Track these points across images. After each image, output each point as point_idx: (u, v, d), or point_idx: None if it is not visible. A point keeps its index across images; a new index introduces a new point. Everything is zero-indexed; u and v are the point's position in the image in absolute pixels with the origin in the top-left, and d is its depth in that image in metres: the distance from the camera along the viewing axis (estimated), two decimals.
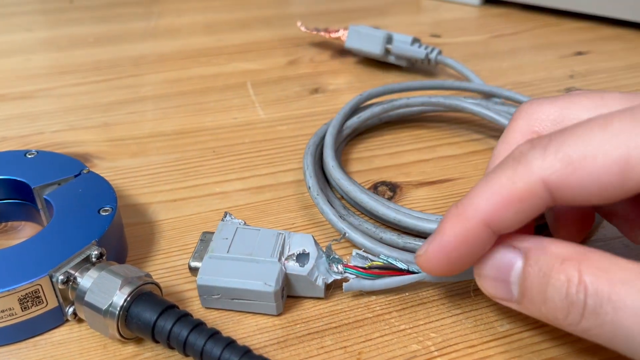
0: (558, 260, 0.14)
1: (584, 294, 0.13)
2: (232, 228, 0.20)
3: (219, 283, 0.19)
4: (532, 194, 0.14)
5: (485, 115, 0.27)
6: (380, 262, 0.19)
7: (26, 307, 0.18)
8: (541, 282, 0.14)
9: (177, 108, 0.33)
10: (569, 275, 0.14)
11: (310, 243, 0.20)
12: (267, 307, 0.19)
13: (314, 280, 0.19)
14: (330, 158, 0.25)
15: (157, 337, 0.17)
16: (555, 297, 0.14)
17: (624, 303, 0.13)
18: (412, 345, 0.18)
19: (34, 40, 0.43)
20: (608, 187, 0.14)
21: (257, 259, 0.19)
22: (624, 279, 0.13)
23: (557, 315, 0.14)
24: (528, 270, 0.15)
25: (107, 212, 0.20)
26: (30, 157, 0.24)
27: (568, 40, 0.43)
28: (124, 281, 0.17)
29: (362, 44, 0.38)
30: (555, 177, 0.14)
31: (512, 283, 0.15)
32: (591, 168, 0.14)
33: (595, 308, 0.13)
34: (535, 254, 0.15)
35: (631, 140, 0.13)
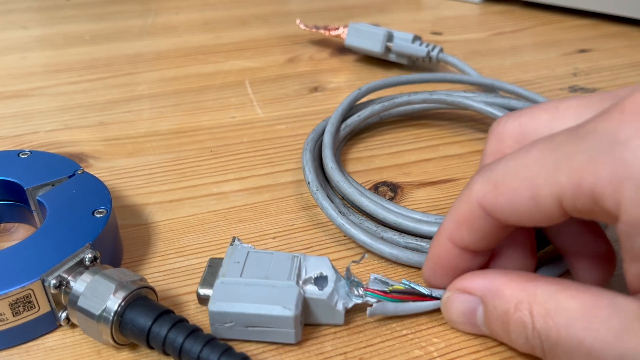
0: (511, 306, 0.16)
1: (539, 340, 0.15)
2: (243, 252, 0.19)
3: (233, 309, 0.17)
4: (474, 215, 0.16)
5: (488, 113, 0.27)
6: (402, 287, 0.18)
7: (18, 313, 0.17)
8: (503, 327, 0.16)
9: (174, 107, 0.33)
10: (523, 321, 0.15)
11: (327, 266, 0.18)
12: (284, 335, 0.17)
13: (334, 304, 0.18)
14: (329, 160, 0.24)
15: (152, 343, 0.17)
16: (519, 340, 0.16)
17: (569, 347, 0.14)
18: (415, 351, 0.18)
19: (29, 38, 0.43)
20: (526, 211, 0.15)
21: (274, 283, 0.18)
22: (566, 323, 0.14)
23: (527, 351, 0.16)
24: (489, 316, 0.17)
25: (101, 214, 0.20)
26: (23, 157, 0.23)
27: (571, 37, 0.42)
28: (118, 285, 0.17)
29: (362, 42, 0.37)
30: (486, 198, 0.16)
31: (479, 325, 0.17)
32: (509, 192, 0.15)
33: (551, 350, 0.15)
34: (491, 300, 0.16)
35: (541, 171, 0.14)
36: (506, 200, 0.15)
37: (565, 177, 0.14)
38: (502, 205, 0.15)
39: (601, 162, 0.13)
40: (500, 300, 0.16)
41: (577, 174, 0.13)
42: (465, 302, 0.17)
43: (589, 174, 0.13)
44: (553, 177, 0.14)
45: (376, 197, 0.23)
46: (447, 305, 0.18)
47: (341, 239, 0.23)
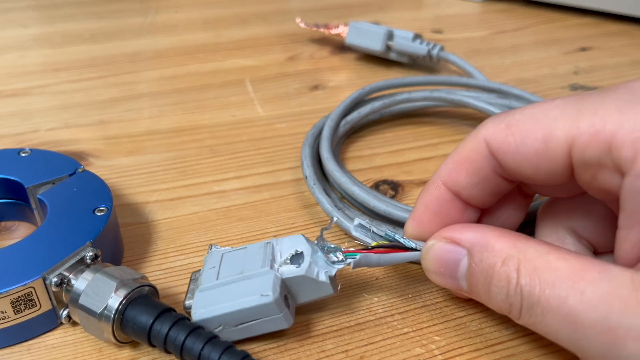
0: (499, 260, 0.15)
1: (520, 297, 0.14)
2: (217, 255, 0.19)
3: (215, 312, 0.17)
4: (477, 153, 0.16)
5: (489, 111, 0.27)
6: (385, 242, 0.18)
7: (19, 310, 0.17)
8: (485, 280, 0.15)
9: (174, 105, 0.33)
10: (508, 276, 0.15)
11: (301, 242, 0.18)
12: (275, 322, 0.17)
13: (315, 276, 0.17)
14: (325, 150, 0.24)
15: (154, 341, 0.17)
16: (498, 296, 0.15)
17: (549, 306, 0.14)
18: (416, 349, 0.18)
19: (28, 37, 0.43)
20: (533, 153, 0.15)
21: (249, 274, 0.17)
22: (552, 281, 0.14)
23: (502, 310, 0.15)
24: (473, 268, 0.16)
25: (102, 212, 0.20)
26: (24, 155, 0.23)
27: (572, 36, 0.42)
28: (119, 283, 0.17)
29: (363, 40, 0.37)
30: (494, 137, 0.16)
31: (459, 278, 0.16)
32: (521, 132, 0.15)
33: (529, 309, 0.14)
34: (479, 252, 0.15)
35: (562, 115, 0.14)
36: (515, 141, 0.15)
37: (586, 122, 0.14)
38: (510, 145, 0.15)
39: (627, 112, 0.13)
40: (488, 253, 0.15)
41: (600, 120, 0.14)
42: (450, 251, 0.16)
43: (612, 121, 0.13)
44: (572, 121, 0.14)
45: (368, 189, 0.23)
46: (429, 253, 0.17)
47: (341, 236, 0.23)
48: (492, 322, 0.19)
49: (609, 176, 0.14)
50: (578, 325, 0.13)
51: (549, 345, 0.18)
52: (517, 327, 0.18)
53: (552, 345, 0.18)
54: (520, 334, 0.18)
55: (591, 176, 0.15)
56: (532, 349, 0.18)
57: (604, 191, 0.15)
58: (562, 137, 0.14)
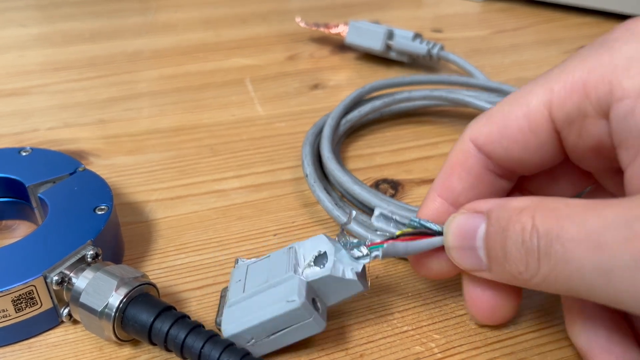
0: (515, 212, 0.14)
1: (536, 240, 0.13)
2: (242, 269, 0.18)
3: (244, 325, 0.16)
4: (464, 153, 0.16)
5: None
6: (409, 229, 0.17)
7: (20, 309, 0.17)
8: (501, 238, 0.14)
9: (174, 105, 0.33)
10: (523, 224, 0.13)
11: (323, 242, 0.17)
12: (307, 328, 0.16)
13: (341, 275, 0.17)
14: (326, 150, 0.24)
15: (154, 339, 0.17)
16: (514, 249, 0.14)
17: (570, 236, 0.12)
18: (415, 347, 0.18)
19: (28, 36, 0.43)
20: (517, 131, 0.15)
21: (274, 282, 0.17)
22: (569, 213, 0.13)
23: (520, 269, 0.14)
24: (490, 230, 0.14)
25: (102, 211, 0.20)
26: (24, 154, 0.23)
27: (572, 35, 0.42)
28: (120, 282, 0.17)
29: (363, 39, 0.37)
30: (477, 131, 0.16)
31: (478, 248, 0.15)
32: (502, 118, 0.15)
33: (547, 249, 0.13)
34: (496, 212, 0.14)
35: (533, 88, 0.15)
36: (497, 127, 0.15)
37: (556, 80, 0.14)
38: (493, 133, 0.15)
39: (590, 58, 0.14)
40: (505, 210, 0.14)
41: (568, 74, 0.14)
42: (468, 219, 0.15)
43: (579, 70, 0.14)
44: (544, 87, 0.14)
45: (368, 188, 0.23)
46: (450, 227, 0.16)
47: None
48: None
49: (594, 125, 0.14)
50: (603, 245, 0.12)
51: (547, 343, 0.18)
52: (515, 325, 0.19)
53: (551, 343, 0.18)
54: (519, 332, 0.18)
55: (577, 134, 0.14)
56: (530, 347, 0.18)
57: (594, 147, 0.14)
58: (540, 103, 0.15)
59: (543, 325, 0.18)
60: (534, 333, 0.18)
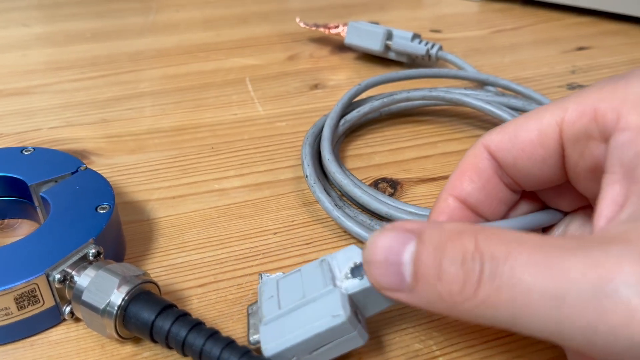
0: (454, 234, 0.14)
1: (480, 261, 0.13)
2: (272, 284, 0.18)
3: (287, 343, 0.16)
4: (477, 157, 0.17)
5: (487, 110, 0.27)
6: None
7: (22, 307, 0.18)
8: (436, 256, 0.14)
9: (175, 104, 0.33)
10: (464, 245, 0.13)
11: (356, 253, 0.17)
12: (350, 341, 0.16)
13: None
14: (327, 152, 0.25)
15: (156, 337, 0.17)
16: (451, 269, 0.13)
17: (521, 259, 0.12)
18: (415, 345, 0.18)
19: (30, 36, 0.43)
20: (528, 142, 0.16)
21: (313, 297, 0.16)
22: (518, 239, 0.13)
23: (453, 289, 0.13)
24: (422, 248, 0.14)
25: (104, 210, 0.20)
26: (27, 154, 0.23)
27: (569, 35, 0.42)
28: (121, 280, 0.17)
29: (362, 40, 0.37)
30: (492, 138, 0.17)
31: (404, 264, 0.14)
32: (516, 129, 0.17)
33: (492, 271, 0.13)
34: (430, 230, 0.14)
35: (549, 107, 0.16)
36: (510, 136, 0.17)
37: (572, 102, 0.16)
38: (506, 141, 0.17)
39: (607, 87, 0.15)
40: (441, 230, 0.14)
41: (583, 99, 0.15)
42: (397, 235, 0.14)
43: (594, 96, 0.15)
44: (560, 106, 0.16)
45: (370, 189, 0.24)
46: (373, 240, 0.15)
47: (342, 234, 0.23)
48: None
49: (596, 147, 0.15)
50: (558, 272, 0.12)
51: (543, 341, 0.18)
52: None
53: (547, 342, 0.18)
54: None
55: (580, 153, 0.15)
56: (527, 344, 0.18)
57: (592, 168, 0.15)
58: (552, 119, 0.16)
59: None
60: None
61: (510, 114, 0.27)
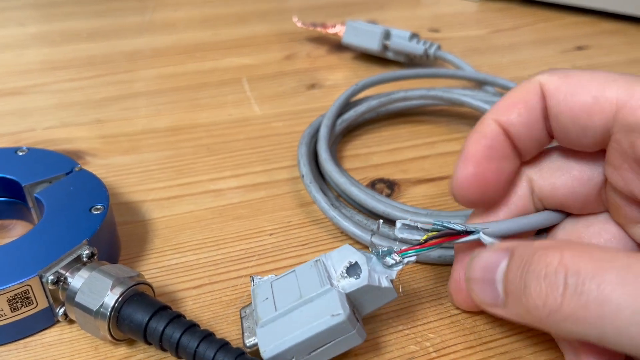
0: (540, 249, 0.14)
1: (563, 274, 0.13)
2: (266, 286, 0.18)
3: (286, 344, 0.16)
4: (530, 93, 0.17)
5: (485, 110, 0.27)
6: (435, 232, 0.17)
7: (16, 308, 0.17)
8: (522, 271, 0.14)
9: (171, 104, 0.33)
10: (548, 259, 0.14)
11: (351, 252, 0.17)
12: (349, 340, 0.16)
13: (377, 284, 0.17)
14: (323, 151, 0.24)
15: (150, 338, 0.17)
16: (534, 282, 0.14)
17: (609, 278, 0.13)
18: (410, 346, 0.18)
19: (26, 35, 0.43)
20: (583, 104, 0.16)
21: (310, 297, 0.16)
22: (608, 258, 0.13)
23: (537, 303, 0.14)
24: (511, 264, 0.15)
25: (98, 211, 0.20)
26: (21, 154, 0.23)
27: (569, 34, 0.42)
28: (115, 281, 0.17)
29: (360, 39, 0.37)
30: (550, 80, 0.17)
31: (497, 281, 0.15)
32: (576, 84, 0.16)
33: (577, 287, 0.13)
34: (520, 249, 0.15)
35: (616, 82, 0.16)
36: (568, 89, 0.16)
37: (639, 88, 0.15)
38: (562, 91, 0.16)
39: None
40: (530, 247, 0.14)
41: None
42: (493, 254, 0.16)
43: None
44: (627, 87, 0.15)
45: (368, 189, 0.23)
46: (473, 259, 0.16)
47: (337, 234, 0.23)
48: (486, 319, 0.19)
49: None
50: None
51: (541, 342, 0.18)
52: (510, 324, 0.19)
53: (544, 342, 0.18)
54: (514, 331, 0.18)
55: (630, 143, 0.15)
56: (525, 346, 0.18)
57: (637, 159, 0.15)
58: (613, 98, 0.15)
59: None
60: (528, 332, 0.18)
61: None
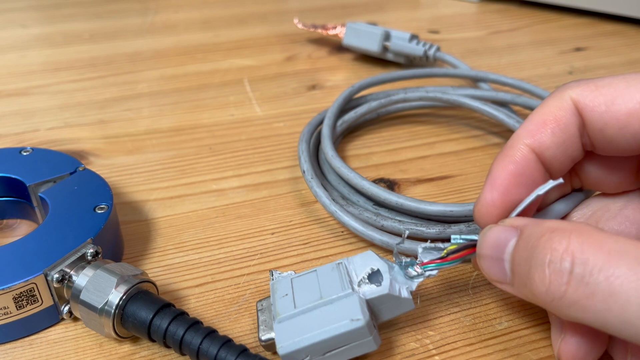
0: (548, 231, 0.14)
1: (570, 263, 0.13)
2: (286, 282, 0.18)
3: (303, 343, 0.16)
4: (563, 110, 0.16)
5: (484, 111, 0.27)
6: (455, 245, 0.17)
7: (21, 306, 0.18)
8: (528, 254, 0.14)
9: (173, 105, 0.33)
10: (554, 244, 0.13)
11: (374, 259, 0.17)
12: (364, 346, 0.16)
13: (397, 294, 0.17)
14: (329, 149, 0.25)
15: (153, 336, 0.17)
16: (538, 267, 0.13)
17: (620, 272, 0.12)
18: (410, 344, 0.18)
19: (28, 37, 0.43)
20: (626, 112, 0.15)
21: (331, 299, 0.16)
22: (620, 249, 0.13)
23: (540, 288, 0.13)
24: (519, 244, 0.14)
25: (102, 210, 0.20)
26: (25, 154, 0.23)
27: (567, 36, 0.42)
28: (119, 279, 0.17)
29: (360, 41, 0.37)
30: (583, 94, 0.16)
31: (505, 260, 0.15)
32: (611, 94, 0.15)
33: (584, 277, 0.13)
34: (529, 228, 0.14)
35: None
36: (605, 100, 0.15)
37: None
38: (600, 103, 0.15)
39: None
40: (538, 227, 0.14)
41: None
42: (503, 231, 0.15)
43: None
44: None
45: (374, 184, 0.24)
46: (485, 236, 0.16)
47: (339, 233, 0.23)
48: (486, 317, 0.19)
49: None
50: None
51: (541, 339, 0.18)
52: (510, 322, 0.19)
53: (544, 339, 0.18)
54: (513, 328, 0.19)
55: None
56: (524, 343, 0.18)
57: None
58: None
59: (536, 322, 0.19)
60: (527, 329, 0.19)
61: (507, 115, 0.27)
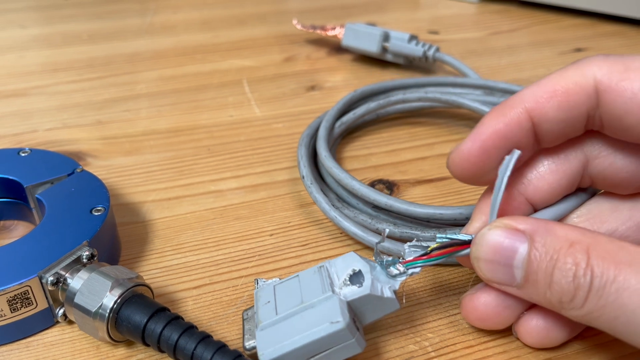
0: (566, 244, 0.14)
1: (590, 277, 0.13)
2: (269, 289, 0.18)
3: (284, 349, 0.15)
4: (580, 88, 0.15)
5: (483, 111, 0.27)
6: (439, 243, 0.17)
7: (15, 309, 0.18)
8: (548, 265, 0.14)
9: (172, 106, 0.33)
10: (576, 259, 0.14)
11: (355, 260, 0.17)
12: (348, 349, 0.16)
13: (379, 294, 0.16)
14: (323, 149, 0.24)
15: (147, 340, 0.17)
16: (562, 281, 0.14)
17: (628, 283, 0.13)
18: (409, 346, 0.18)
19: (27, 37, 0.43)
20: None
21: (311, 303, 0.16)
22: (630, 261, 0.13)
23: (562, 299, 0.14)
24: (534, 254, 0.14)
25: (99, 212, 0.20)
26: (23, 155, 0.23)
27: (567, 36, 0.42)
28: (114, 283, 0.17)
29: (359, 42, 0.37)
30: (609, 77, 0.14)
31: (515, 267, 0.15)
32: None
33: (599, 290, 0.13)
34: (542, 236, 0.14)
35: None
36: (632, 87, 0.14)
37: None
38: (625, 90, 0.14)
39: None
40: (553, 238, 0.14)
41: None
42: (508, 237, 0.15)
43: None
44: None
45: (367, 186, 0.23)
46: (483, 239, 0.15)
47: (337, 235, 0.23)
48: None
49: None
50: None
51: None
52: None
53: None
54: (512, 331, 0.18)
55: None
56: (523, 346, 0.18)
57: None
58: None
59: None
60: None
61: None
